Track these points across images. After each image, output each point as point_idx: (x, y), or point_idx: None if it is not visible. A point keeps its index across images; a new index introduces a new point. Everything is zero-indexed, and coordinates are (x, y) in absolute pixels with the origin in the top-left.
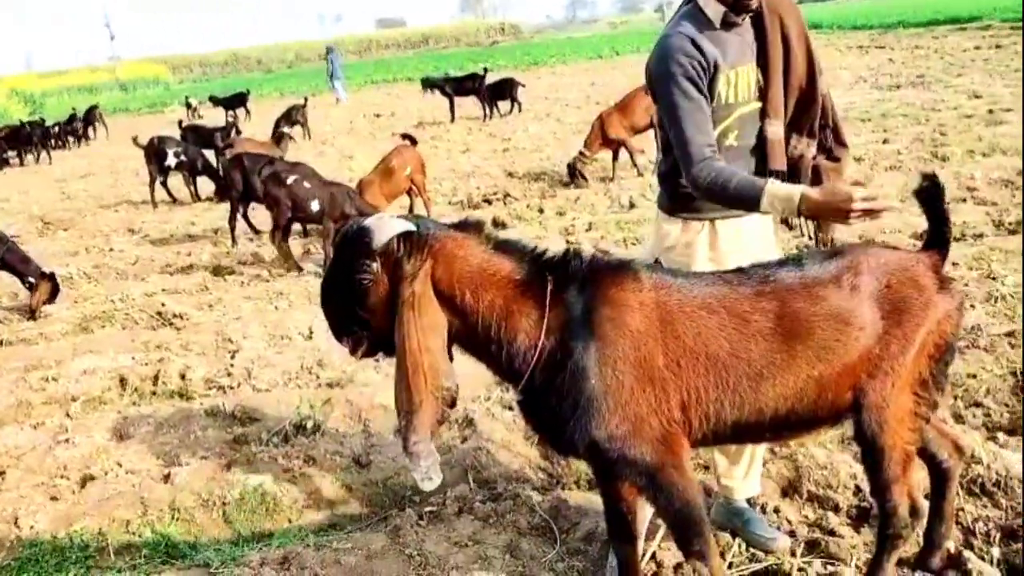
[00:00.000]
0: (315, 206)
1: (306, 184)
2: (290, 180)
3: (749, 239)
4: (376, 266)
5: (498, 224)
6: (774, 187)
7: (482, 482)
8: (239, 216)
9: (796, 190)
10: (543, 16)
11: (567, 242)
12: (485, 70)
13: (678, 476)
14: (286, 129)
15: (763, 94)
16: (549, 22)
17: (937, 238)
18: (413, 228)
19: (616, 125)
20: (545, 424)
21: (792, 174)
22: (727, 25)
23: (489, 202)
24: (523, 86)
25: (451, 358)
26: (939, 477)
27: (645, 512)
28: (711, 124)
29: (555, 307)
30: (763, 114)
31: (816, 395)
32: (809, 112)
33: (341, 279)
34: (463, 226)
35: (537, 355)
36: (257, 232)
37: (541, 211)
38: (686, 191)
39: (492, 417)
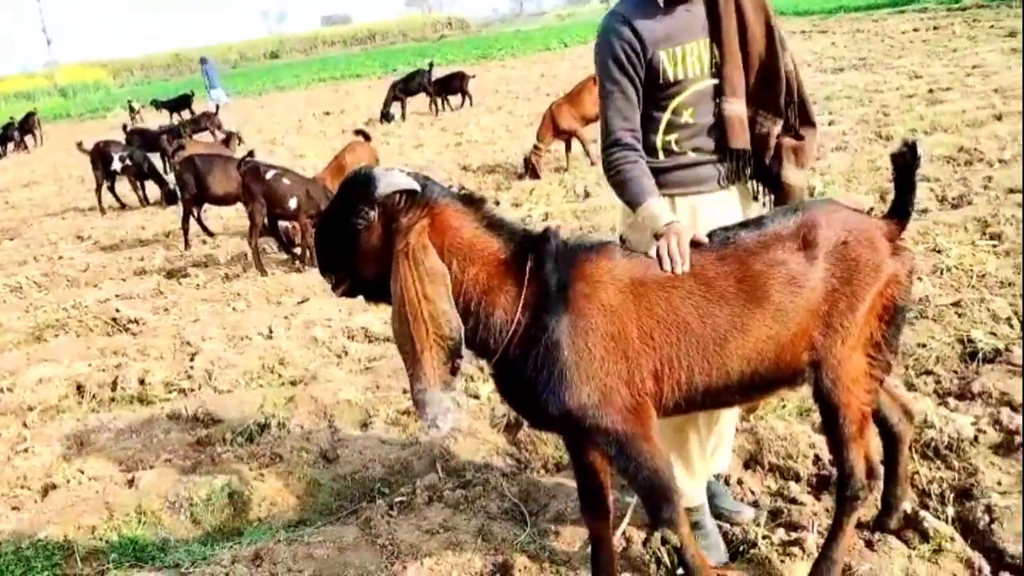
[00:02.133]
0: (292, 203)
1: (285, 180)
2: (269, 176)
3: (709, 215)
4: (373, 214)
5: None
6: (651, 206)
7: (451, 470)
8: (192, 218)
9: (664, 220)
10: (490, 9)
11: None
12: (431, 64)
13: (646, 445)
14: (234, 129)
15: (719, 71)
16: (496, 15)
17: (900, 207)
18: (418, 188)
19: (566, 116)
20: (519, 397)
21: (757, 152)
22: (672, 2)
23: None
24: (473, 77)
25: None
26: (891, 440)
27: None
28: (633, 107)
29: (532, 284)
30: (720, 91)
31: (776, 353)
32: (772, 89)
33: (338, 219)
34: (466, 199)
35: (513, 330)
36: (211, 234)
37: (497, 203)
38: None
39: (457, 406)
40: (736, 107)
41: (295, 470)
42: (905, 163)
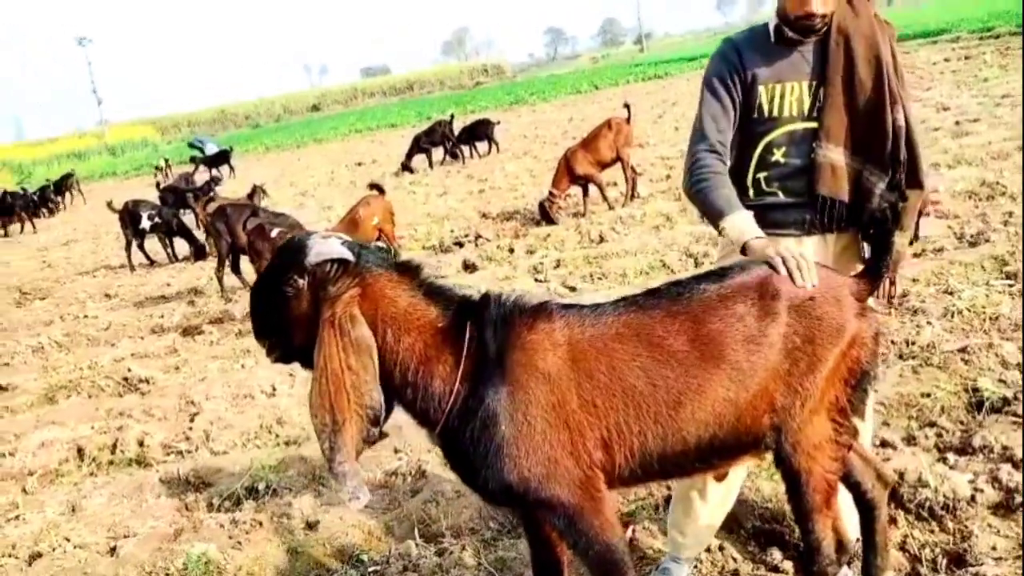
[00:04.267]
0: None
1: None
2: (275, 233)
3: None
4: (302, 282)
5: (468, 266)
6: (736, 219)
7: (430, 536)
8: (228, 270)
9: (749, 234)
10: (526, 55)
11: (536, 280)
12: (452, 116)
13: (597, 519)
14: (258, 182)
15: (820, 116)
16: (532, 60)
17: (874, 266)
18: (350, 257)
19: (582, 162)
20: (463, 469)
21: (861, 207)
22: (785, 40)
23: (461, 244)
24: (498, 123)
25: None
26: (865, 507)
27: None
28: (728, 123)
29: (472, 353)
30: (817, 136)
31: (735, 417)
32: (876, 142)
33: (268, 285)
34: (403, 267)
35: (452, 400)
36: (247, 287)
37: (511, 251)
38: None
39: (445, 467)
40: (833, 154)
41: (274, 537)
42: (884, 220)
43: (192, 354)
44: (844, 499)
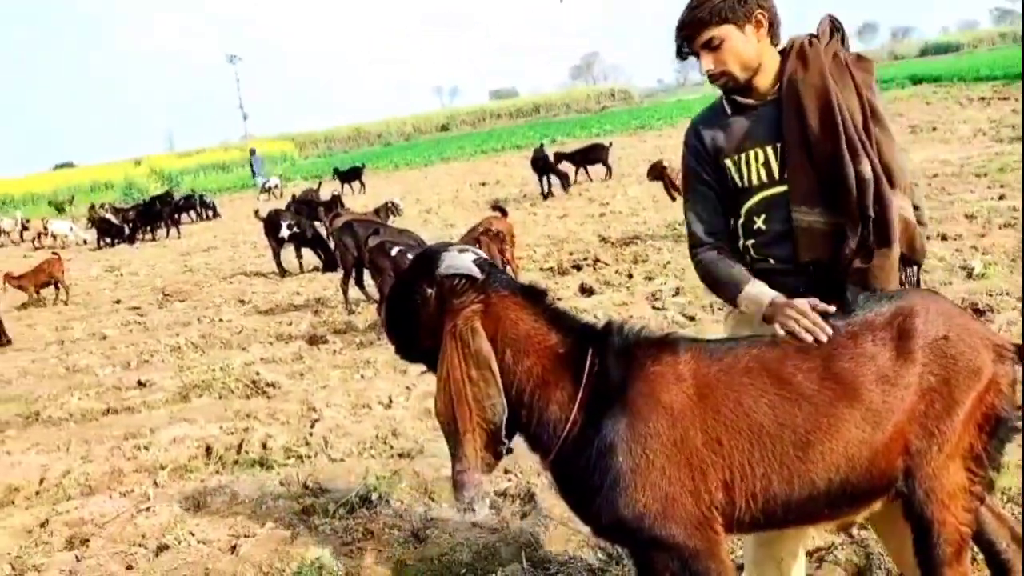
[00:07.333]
0: None
1: (410, 256)
2: (395, 252)
3: None
4: (431, 292)
5: (585, 290)
6: (752, 288)
7: (537, 561)
8: (352, 282)
9: (767, 299)
10: (654, 80)
11: (653, 308)
12: (542, 145)
13: (713, 563)
14: (397, 199)
15: (788, 178)
16: (660, 86)
17: None
18: (478, 274)
19: None
20: (575, 500)
21: (836, 267)
22: (739, 108)
23: (579, 268)
24: (610, 145)
25: None
26: (999, 569)
27: None
28: (714, 210)
29: (591, 381)
30: (789, 199)
31: (869, 460)
32: (839, 199)
33: (402, 289)
34: (528, 291)
35: (568, 428)
36: (370, 300)
37: (630, 276)
38: None
39: (555, 493)
40: (807, 216)
41: (385, 548)
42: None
43: (316, 362)
44: None
